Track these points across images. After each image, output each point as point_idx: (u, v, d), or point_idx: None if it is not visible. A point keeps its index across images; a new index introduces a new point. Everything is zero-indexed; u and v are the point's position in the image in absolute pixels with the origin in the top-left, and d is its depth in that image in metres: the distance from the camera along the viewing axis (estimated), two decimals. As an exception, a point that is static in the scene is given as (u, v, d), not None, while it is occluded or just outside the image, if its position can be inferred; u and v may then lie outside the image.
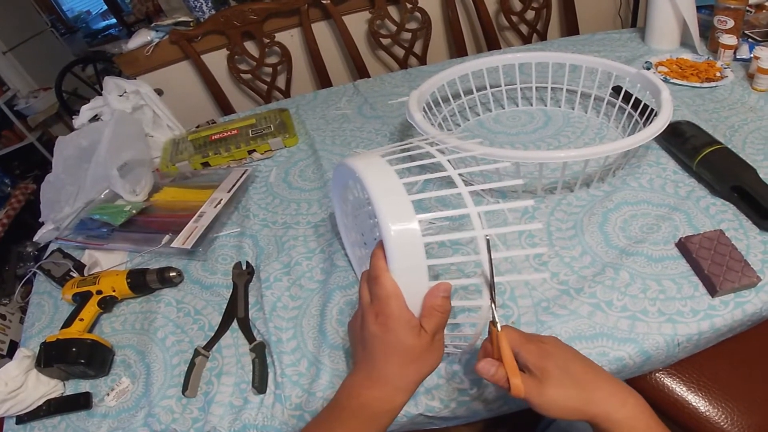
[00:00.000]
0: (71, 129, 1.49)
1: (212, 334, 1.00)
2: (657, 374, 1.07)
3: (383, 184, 0.64)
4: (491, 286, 0.64)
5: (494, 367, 0.64)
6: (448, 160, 0.69)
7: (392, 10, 2.37)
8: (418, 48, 2.45)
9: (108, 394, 0.94)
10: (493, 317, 0.65)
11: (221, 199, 1.26)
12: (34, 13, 4.51)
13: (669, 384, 1.05)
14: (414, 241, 0.60)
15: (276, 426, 0.85)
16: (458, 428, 1.16)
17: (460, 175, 0.67)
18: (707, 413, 1.01)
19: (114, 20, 5.77)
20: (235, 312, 1.03)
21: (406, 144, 0.78)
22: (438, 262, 0.65)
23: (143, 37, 2.24)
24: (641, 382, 1.06)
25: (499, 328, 0.65)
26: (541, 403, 0.62)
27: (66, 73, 3.48)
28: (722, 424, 1.00)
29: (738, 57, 1.53)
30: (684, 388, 1.05)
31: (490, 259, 0.63)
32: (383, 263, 0.62)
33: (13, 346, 2.44)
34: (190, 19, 2.23)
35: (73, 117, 1.52)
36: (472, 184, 1.19)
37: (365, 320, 0.65)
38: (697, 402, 1.03)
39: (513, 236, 1.07)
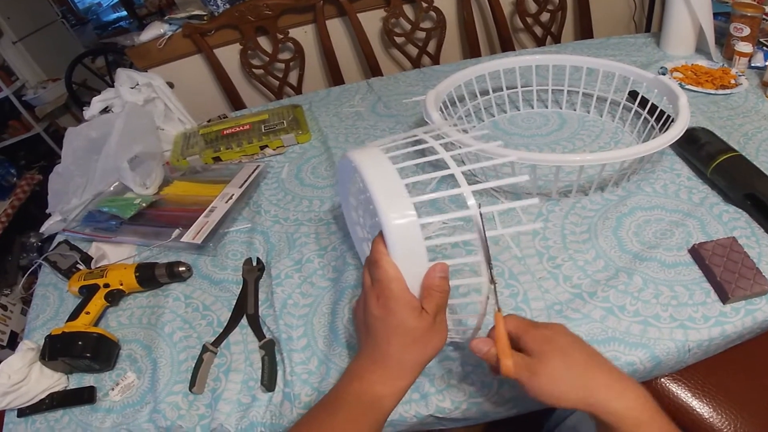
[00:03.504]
0: (79, 120, 1.49)
1: (221, 330, 0.99)
2: (662, 380, 1.06)
3: (378, 172, 0.65)
4: (488, 261, 0.64)
5: (487, 346, 0.65)
6: (458, 158, 0.69)
7: (407, 9, 2.37)
8: (431, 47, 2.44)
9: (113, 389, 0.93)
10: (495, 299, 0.66)
11: (233, 195, 1.25)
12: (45, 4, 4.52)
13: (674, 389, 1.05)
14: (411, 226, 0.61)
15: (284, 424, 0.84)
16: (458, 429, 1.15)
17: (463, 168, 0.67)
18: (711, 419, 1.01)
19: (125, 13, 5.79)
20: (245, 308, 1.03)
21: (409, 136, 0.77)
22: (436, 242, 0.66)
23: (156, 29, 2.24)
24: (646, 387, 1.04)
25: (496, 309, 0.66)
26: (531, 386, 0.62)
27: (76, 64, 3.48)
28: (726, 430, 0.99)
29: (753, 65, 1.53)
30: (689, 394, 1.04)
31: (485, 237, 0.64)
32: (383, 248, 0.63)
33: (14, 337, 2.45)
34: (203, 13, 2.23)
35: (84, 108, 1.51)
36: (481, 182, 1.19)
37: (367, 304, 0.66)
38: (702, 408, 1.02)
39: (527, 238, 1.07)
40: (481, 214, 0.63)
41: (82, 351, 0.93)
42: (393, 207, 0.61)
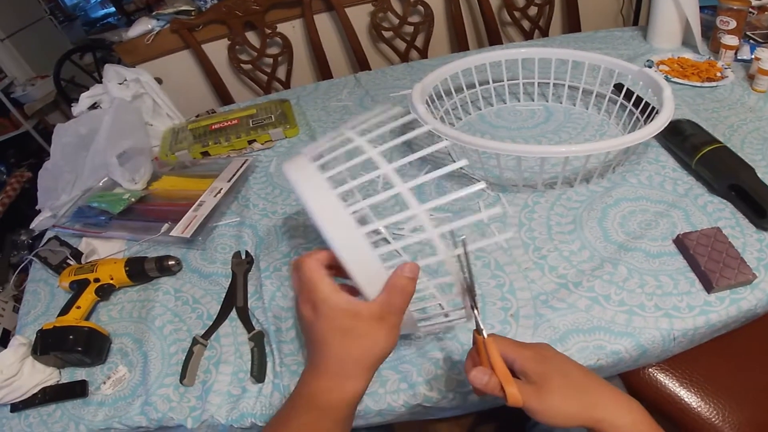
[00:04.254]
0: (68, 117, 1.48)
1: (210, 323, 1.00)
2: (650, 369, 1.07)
3: (310, 187, 0.62)
4: (471, 290, 0.63)
5: (487, 376, 0.61)
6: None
7: (395, 3, 2.37)
8: (419, 41, 2.45)
9: (104, 383, 0.94)
10: (477, 325, 0.64)
11: (221, 189, 1.26)
12: (33, 1, 4.49)
13: (662, 379, 1.06)
14: (335, 203, 0.59)
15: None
16: (449, 423, 1.15)
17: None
18: (699, 409, 1.02)
19: (113, 9, 5.73)
20: (234, 301, 1.03)
21: (336, 136, 0.75)
22: (385, 249, 0.62)
23: (144, 25, 2.23)
24: (634, 377, 1.07)
25: (485, 335, 0.64)
26: (542, 410, 0.60)
27: (64, 61, 3.46)
28: (714, 420, 1.01)
29: (739, 57, 1.54)
30: (676, 384, 1.05)
31: (468, 264, 0.63)
32: (317, 253, 0.62)
33: (6, 335, 2.43)
34: (191, 8, 2.22)
35: (72, 105, 1.51)
36: (473, 177, 1.19)
37: (299, 309, 0.63)
38: (690, 398, 1.04)
39: (512, 229, 1.07)
40: (466, 251, 0.62)
41: (74, 345, 0.93)
42: (335, 229, 0.59)
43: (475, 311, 0.64)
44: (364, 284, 0.59)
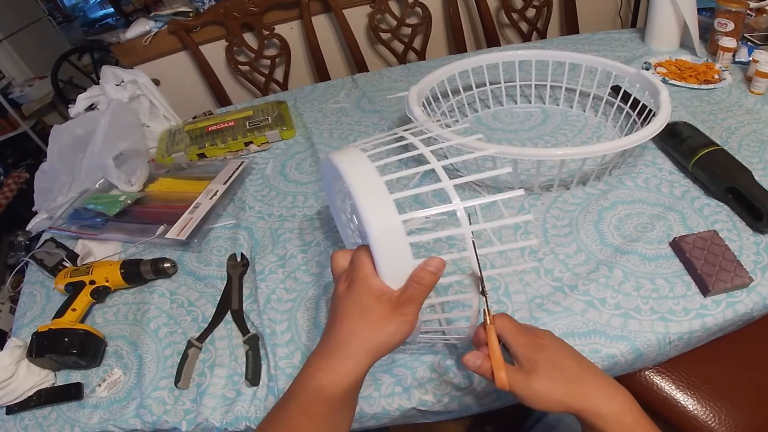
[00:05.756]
0: (66, 118, 1.48)
1: (206, 325, 1.00)
2: (646, 372, 1.07)
3: (360, 177, 0.64)
4: (480, 278, 0.64)
5: (480, 360, 0.64)
6: (441, 152, 0.69)
7: (393, 5, 2.37)
8: (417, 43, 2.45)
9: (99, 385, 0.93)
10: (485, 309, 0.66)
11: (217, 191, 1.26)
12: (32, 1, 4.49)
13: (658, 382, 1.06)
14: (395, 233, 0.60)
15: (269, 418, 0.84)
16: (446, 424, 1.15)
17: (444, 162, 0.67)
18: (695, 412, 1.02)
19: (112, 9, 5.74)
20: (229, 304, 1.03)
21: (391, 134, 0.78)
22: (421, 238, 0.65)
23: (142, 26, 2.23)
24: (631, 380, 1.06)
25: (489, 321, 0.65)
26: (526, 396, 0.62)
27: (62, 61, 3.45)
28: (710, 423, 1.00)
29: (737, 60, 1.54)
30: (673, 387, 1.05)
31: (476, 255, 0.63)
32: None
33: (2, 336, 2.43)
34: (189, 10, 2.22)
35: (69, 106, 1.51)
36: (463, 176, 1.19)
37: (336, 289, 0.67)
38: (686, 401, 1.03)
39: (508, 231, 1.07)
40: (472, 234, 0.63)
41: (69, 347, 0.93)
42: (376, 215, 0.60)
43: (485, 298, 0.65)
44: (386, 269, 0.62)
